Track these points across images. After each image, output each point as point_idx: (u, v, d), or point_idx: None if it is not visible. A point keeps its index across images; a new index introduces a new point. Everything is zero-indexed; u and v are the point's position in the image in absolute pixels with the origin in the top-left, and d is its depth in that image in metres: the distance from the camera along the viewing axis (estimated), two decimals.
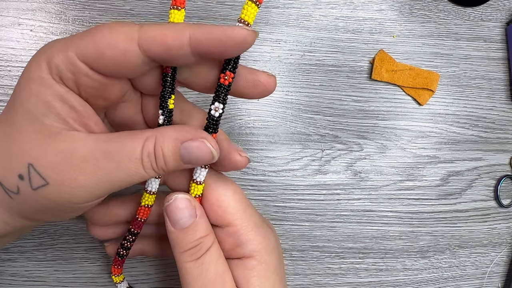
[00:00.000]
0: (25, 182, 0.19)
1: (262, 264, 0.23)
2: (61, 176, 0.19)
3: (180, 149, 0.20)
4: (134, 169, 0.19)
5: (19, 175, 0.19)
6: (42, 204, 0.19)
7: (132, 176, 0.19)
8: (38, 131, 0.19)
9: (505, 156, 0.38)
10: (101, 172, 0.19)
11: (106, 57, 0.18)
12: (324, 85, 0.35)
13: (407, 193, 0.36)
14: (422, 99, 0.36)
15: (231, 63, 0.20)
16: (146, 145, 0.19)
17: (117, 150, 0.19)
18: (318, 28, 0.35)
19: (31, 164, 0.19)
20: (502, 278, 0.38)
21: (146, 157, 0.19)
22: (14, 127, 0.19)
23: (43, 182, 0.19)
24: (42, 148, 0.19)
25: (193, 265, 0.21)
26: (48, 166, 0.18)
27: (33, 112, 0.19)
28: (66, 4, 0.32)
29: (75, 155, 0.19)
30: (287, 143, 0.35)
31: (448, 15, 0.37)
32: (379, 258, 0.36)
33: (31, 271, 0.31)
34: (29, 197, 0.19)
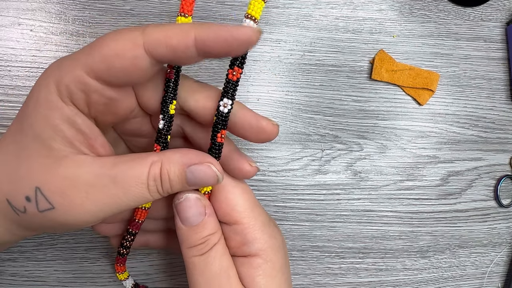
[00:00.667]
0: (32, 204, 0.19)
1: (268, 263, 0.23)
2: (68, 201, 0.19)
3: (186, 173, 0.20)
4: (140, 193, 0.19)
5: (26, 197, 0.19)
6: (47, 224, 0.20)
7: (137, 200, 0.20)
8: (46, 155, 0.19)
9: (505, 156, 0.38)
10: (107, 198, 0.19)
11: (116, 68, 0.18)
12: (324, 85, 0.35)
13: (407, 193, 0.36)
14: (422, 99, 0.36)
15: (239, 59, 0.20)
16: (152, 170, 0.19)
17: (123, 175, 0.19)
18: (318, 28, 0.35)
19: (38, 188, 0.19)
20: (502, 278, 0.38)
21: (152, 181, 0.19)
22: (23, 149, 0.19)
23: (49, 206, 0.19)
24: (49, 172, 0.19)
25: (198, 260, 0.22)
26: (55, 191, 0.19)
27: (41, 135, 0.19)
28: (66, 4, 0.32)
29: (81, 180, 0.19)
30: (287, 143, 0.35)
31: (448, 15, 0.37)
32: (379, 258, 0.36)
33: (31, 271, 0.31)
34: (35, 218, 0.20)
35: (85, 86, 0.19)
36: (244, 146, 0.34)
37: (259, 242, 0.23)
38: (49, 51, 0.31)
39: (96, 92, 0.19)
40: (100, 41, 0.18)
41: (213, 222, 0.23)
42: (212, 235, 0.22)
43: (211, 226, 0.22)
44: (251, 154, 0.34)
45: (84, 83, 0.18)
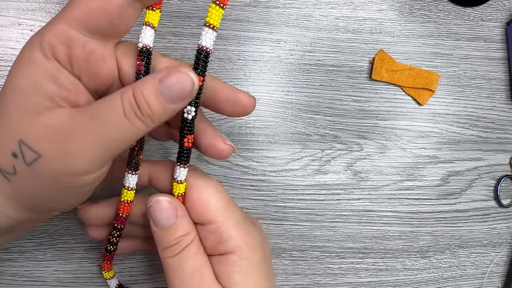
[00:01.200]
0: (19, 160, 0.19)
1: (243, 259, 0.23)
2: (52, 146, 0.19)
3: (160, 88, 0.19)
4: (120, 122, 0.19)
5: (12, 153, 0.19)
6: (39, 181, 0.19)
7: (120, 132, 0.19)
8: (25, 109, 0.19)
9: (505, 156, 0.38)
10: (89, 135, 0.19)
11: (94, 10, 0.18)
12: (324, 85, 0.35)
13: (407, 193, 0.36)
14: (422, 99, 0.36)
15: (200, 67, 0.20)
16: (124, 94, 0.19)
17: (98, 110, 0.19)
18: (318, 28, 0.35)
19: (21, 140, 0.19)
20: (502, 278, 0.38)
21: (128, 106, 0.19)
22: (5, 108, 0.19)
23: (35, 155, 0.19)
24: (30, 124, 0.19)
25: (172, 260, 0.22)
26: (38, 139, 0.19)
27: (21, 91, 0.19)
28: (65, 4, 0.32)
29: (62, 126, 0.19)
30: (287, 143, 0.35)
31: (448, 15, 0.37)
32: (379, 258, 0.36)
33: (31, 271, 0.31)
34: (26, 176, 0.19)
35: (66, 38, 0.19)
36: (244, 146, 0.34)
37: (234, 239, 0.23)
38: None
39: (78, 44, 0.19)
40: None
41: (185, 223, 0.23)
42: (185, 236, 0.22)
43: (183, 227, 0.23)
44: (251, 154, 0.34)
45: (65, 35, 0.19)
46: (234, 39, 0.34)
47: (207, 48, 0.20)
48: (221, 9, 0.20)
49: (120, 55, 0.21)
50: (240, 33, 0.34)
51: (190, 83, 0.19)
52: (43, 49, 0.19)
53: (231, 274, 0.23)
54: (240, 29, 0.34)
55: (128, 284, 0.32)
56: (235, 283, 0.23)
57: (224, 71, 0.34)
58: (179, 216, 0.22)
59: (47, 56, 0.19)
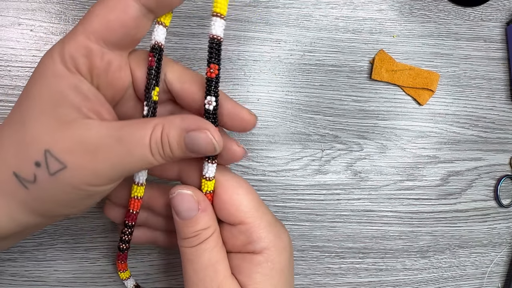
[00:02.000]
0: (42, 169, 0.19)
1: (269, 262, 0.23)
2: (79, 159, 0.19)
3: (185, 138, 0.20)
4: (144, 154, 0.20)
5: (35, 162, 0.19)
6: (60, 190, 0.20)
7: (142, 162, 0.20)
8: (53, 120, 0.19)
9: (505, 156, 0.38)
10: (114, 157, 0.20)
11: (112, 22, 0.19)
12: (324, 85, 0.35)
13: (407, 193, 0.36)
14: (422, 99, 0.36)
15: (213, 55, 0.21)
16: (154, 132, 0.20)
17: (128, 137, 0.20)
18: (318, 28, 0.35)
19: (48, 150, 0.19)
20: (502, 278, 0.38)
21: (154, 144, 0.20)
22: (28, 116, 0.20)
23: (61, 166, 0.19)
24: (57, 134, 0.19)
25: (189, 251, 0.23)
26: (65, 151, 0.19)
27: (47, 102, 0.19)
28: (66, 4, 0.32)
29: (90, 141, 0.19)
30: (287, 143, 0.35)
31: (448, 15, 0.37)
32: (379, 258, 0.36)
33: (31, 271, 0.31)
34: (47, 184, 0.19)
35: (86, 50, 0.20)
36: (244, 146, 0.34)
37: (263, 241, 0.23)
38: None
39: (97, 55, 0.20)
40: (92, 8, 0.20)
41: (207, 217, 0.23)
42: (204, 230, 0.23)
43: (203, 221, 0.23)
44: (251, 154, 0.34)
45: (86, 47, 0.20)
46: (234, 39, 0.34)
47: (218, 36, 0.21)
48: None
49: (133, 63, 0.22)
50: (240, 33, 0.34)
51: (212, 148, 0.21)
52: (65, 61, 0.19)
53: (253, 274, 0.23)
54: (240, 29, 0.34)
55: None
56: (255, 282, 0.23)
57: (224, 71, 0.34)
58: (200, 210, 0.23)
59: (70, 69, 0.19)
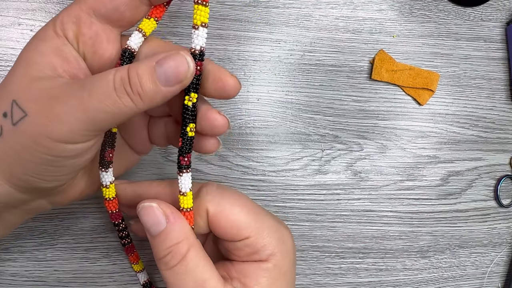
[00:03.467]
0: (7, 120, 0.19)
1: (276, 267, 0.23)
2: (38, 106, 0.19)
3: (155, 68, 0.19)
4: (107, 94, 0.18)
5: (3, 113, 0.20)
6: (22, 144, 0.19)
7: (106, 104, 0.18)
8: (27, 75, 0.20)
9: (505, 156, 0.38)
10: (75, 100, 0.18)
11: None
12: (324, 85, 0.35)
13: (407, 193, 0.36)
14: (422, 99, 0.36)
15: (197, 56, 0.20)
16: (119, 70, 0.19)
17: (90, 80, 0.19)
18: (318, 28, 0.35)
19: (15, 100, 0.19)
20: (502, 278, 0.38)
21: (119, 80, 0.18)
22: (8, 75, 0.21)
23: (22, 114, 0.19)
24: (27, 86, 0.20)
25: (169, 274, 0.21)
26: (29, 99, 0.19)
27: (27, 62, 0.20)
28: (66, 4, 0.32)
29: (53, 90, 0.19)
30: (287, 143, 0.35)
31: (448, 15, 0.37)
32: (379, 258, 0.36)
33: (31, 271, 0.31)
34: (10, 137, 0.19)
35: (76, 17, 0.21)
36: (244, 146, 0.34)
37: (268, 248, 0.23)
38: None
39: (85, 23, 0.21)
40: None
41: (177, 230, 0.21)
42: (177, 245, 0.21)
43: (174, 234, 0.21)
44: (251, 154, 0.34)
45: (75, 15, 0.21)
46: (234, 39, 0.34)
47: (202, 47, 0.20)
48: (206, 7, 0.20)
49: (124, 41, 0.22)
50: (240, 33, 0.34)
51: (186, 67, 0.19)
52: (55, 26, 0.21)
53: (260, 278, 0.22)
54: (240, 29, 0.34)
55: (128, 285, 0.32)
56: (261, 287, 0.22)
57: None
58: (170, 222, 0.21)
59: (57, 33, 0.21)
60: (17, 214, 0.23)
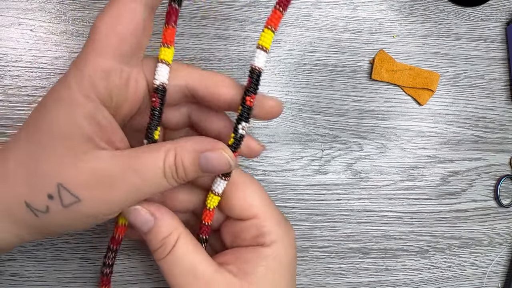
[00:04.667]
0: (55, 201, 0.19)
1: (276, 257, 0.23)
2: (93, 193, 0.20)
3: (200, 159, 0.21)
4: (158, 180, 0.20)
5: (48, 195, 0.19)
6: (72, 219, 0.20)
7: (156, 187, 0.21)
8: (65, 152, 0.19)
9: (505, 156, 0.38)
10: (129, 187, 0.20)
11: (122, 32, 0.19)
12: (324, 85, 0.35)
13: (407, 193, 0.36)
14: (422, 99, 0.36)
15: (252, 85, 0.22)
16: (167, 158, 0.20)
17: (142, 166, 0.20)
18: (318, 28, 0.35)
19: (60, 184, 0.19)
20: (502, 278, 0.38)
21: (168, 168, 0.20)
22: (42, 148, 0.19)
23: (75, 199, 0.19)
24: (70, 168, 0.19)
25: (162, 264, 0.23)
26: (79, 184, 0.19)
27: (59, 133, 0.19)
28: (66, 4, 0.32)
29: (103, 173, 0.20)
30: (287, 143, 0.35)
31: (448, 15, 0.37)
32: (379, 258, 0.36)
33: (31, 271, 0.31)
34: (60, 215, 0.20)
35: (105, 72, 0.19)
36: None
37: (273, 234, 0.24)
38: (49, 51, 0.31)
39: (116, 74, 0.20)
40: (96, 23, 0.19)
41: (166, 224, 0.23)
42: (167, 237, 0.22)
43: (164, 228, 0.23)
44: None
45: (104, 69, 0.19)
46: (234, 39, 0.34)
47: (260, 68, 0.22)
48: (272, 33, 0.21)
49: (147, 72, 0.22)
50: (240, 33, 0.34)
51: (227, 166, 0.21)
52: (84, 88, 0.19)
53: (258, 266, 0.23)
54: (240, 29, 0.34)
55: (128, 285, 0.32)
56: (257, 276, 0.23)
57: (224, 71, 0.34)
58: (157, 219, 0.22)
59: (88, 96, 0.19)
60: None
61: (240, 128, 0.22)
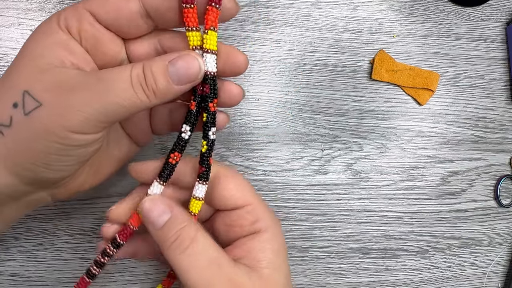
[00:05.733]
0: (18, 110, 0.19)
1: (275, 238, 0.24)
2: (54, 97, 0.19)
3: (168, 67, 0.20)
4: (124, 89, 0.20)
5: (13, 103, 0.20)
6: (33, 134, 0.20)
7: (122, 98, 0.20)
8: (35, 67, 0.20)
9: (505, 156, 0.38)
10: (92, 93, 0.19)
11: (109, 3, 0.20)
12: (324, 85, 0.35)
13: (407, 193, 0.36)
14: (422, 99, 0.36)
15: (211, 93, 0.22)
16: (134, 68, 0.20)
17: (107, 74, 0.20)
18: (318, 28, 0.35)
19: (26, 91, 0.19)
20: (502, 278, 0.38)
21: (136, 77, 0.20)
22: (14, 67, 0.21)
23: (36, 104, 0.19)
24: (37, 78, 0.20)
25: (183, 258, 0.21)
26: (43, 90, 0.19)
27: (32, 54, 0.20)
28: (66, 4, 0.32)
29: (68, 81, 0.20)
30: (287, 143, 0.35)
31: (448, 15, 0.37)
32: (379, 258, 0.36)
33: (31, 271, 0.31)
34: (21, 128, 0.20)
35: (79, 16, 0.21)
36: (244, 146, 0.34)
37: (267, 219, 0.24)
38: None
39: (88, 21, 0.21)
40: None
41: (180, 215, 0.22)
42: (184, 227, 0.22)
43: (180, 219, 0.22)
44: (251, 154, 0.34)
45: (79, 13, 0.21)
46: (234, 39, 0.34)
47: (213, 72, 0.22)
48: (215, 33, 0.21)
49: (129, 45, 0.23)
50: (240, 33, 0.34)
51: (197, 68, 0.21)
52: (59, 21, 0.20)
53: (265, 250, 0.23)
54: (240, 29, 0.34)
55: (128, 285, 0.32)
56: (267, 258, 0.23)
57: None
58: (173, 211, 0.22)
59: (61, 27, 0.20)
60: (17, 207, 0.23)
61: (211, 133, 0.22)
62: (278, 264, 0.23)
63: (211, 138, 0.22)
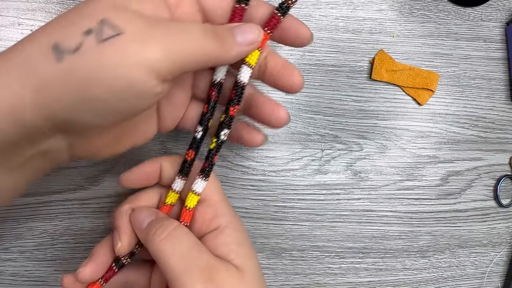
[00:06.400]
0: (91, 37, 0.18)
1: (237, 232, 0.25)
2: (136, 28, 0.18)
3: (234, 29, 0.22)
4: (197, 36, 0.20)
5: (86, 30, 0.18)
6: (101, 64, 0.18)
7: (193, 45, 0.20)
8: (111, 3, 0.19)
9: (505, 156, 0.38)
10: (172, 31, 0.19)
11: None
12: (324, 85, 0.35)
13: (407, 193, 0.36)
14: (422, 99, 0.36)
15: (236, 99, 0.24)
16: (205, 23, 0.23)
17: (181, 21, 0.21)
18: (318, 28, 0.35)
19: (104, 19, 0.18)
20: (501, 278, 0.38)
21: (209, 27, 0.21)
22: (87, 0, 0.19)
23: (116, 31, 0.18)
24: (117, 9, 0.19)
25: (165, 242, 0.22)
26: (124, 20, 0.18)
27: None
28: (66, 4, 0.32)
29: (149, 17, 0.19)
30: (287, 143, 0.35)
31: (448, 15, 0.37)
32: (379, 257, 0.36)
33: (31, 271, 0.31)
34: (89, 55, 0.18)
35: None
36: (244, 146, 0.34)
37: (228, 215, 0.25)
38: None
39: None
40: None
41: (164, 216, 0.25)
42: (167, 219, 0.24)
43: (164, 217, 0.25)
44: (251, 154, 0.34)
45: None
46: None
47: (244, 82, 0.24)
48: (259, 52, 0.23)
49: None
50: None
51: (257, 32, 0.23)
52: None
53: (229, 243, 0.24)
54: None
55: None
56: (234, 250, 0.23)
57: None
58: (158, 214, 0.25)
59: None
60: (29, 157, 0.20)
61: (222, 134, 0.24)
62: (247, 254, 0.24)
63: (221, 138, 0.24)
